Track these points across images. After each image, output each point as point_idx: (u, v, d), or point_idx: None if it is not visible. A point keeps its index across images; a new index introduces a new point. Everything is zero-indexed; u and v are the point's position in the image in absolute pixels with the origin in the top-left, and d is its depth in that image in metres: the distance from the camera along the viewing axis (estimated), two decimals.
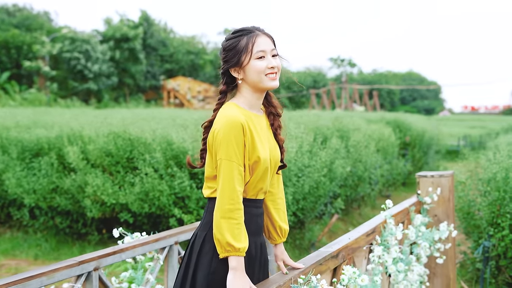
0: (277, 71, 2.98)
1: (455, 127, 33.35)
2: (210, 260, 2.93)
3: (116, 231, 4.36)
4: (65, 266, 3.57)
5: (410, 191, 15.76)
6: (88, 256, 3.79)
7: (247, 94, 3.02)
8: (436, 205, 5.71)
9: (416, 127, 17.48)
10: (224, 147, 2.80)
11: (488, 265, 7.06)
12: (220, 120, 2.86)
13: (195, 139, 8.72)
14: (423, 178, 5.76)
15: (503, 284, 7.12)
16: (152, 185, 8.21)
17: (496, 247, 7.00)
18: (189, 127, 9.95)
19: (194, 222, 8.08)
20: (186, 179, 8.16)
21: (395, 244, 4.72)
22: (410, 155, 16.76)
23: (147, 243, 4.34)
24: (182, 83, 56.30)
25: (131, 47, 51.71)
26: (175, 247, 4.66)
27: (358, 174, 10.77)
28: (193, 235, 3.08)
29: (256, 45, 2.92)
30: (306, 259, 3.49)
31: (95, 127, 9.76)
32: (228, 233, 2.75)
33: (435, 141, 18.66)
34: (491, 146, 11.52)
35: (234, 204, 2.78)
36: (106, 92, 51.02)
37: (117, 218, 9.09)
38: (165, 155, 8.49)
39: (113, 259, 3.99)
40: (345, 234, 4.27)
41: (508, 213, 6.84)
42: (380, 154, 12.59)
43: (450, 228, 5.37)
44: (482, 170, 7.70)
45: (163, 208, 8.34)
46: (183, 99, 55.15)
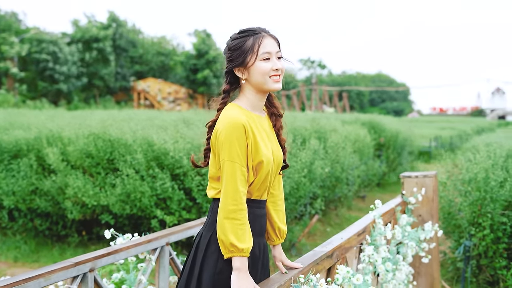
0: (281, 73, 2.99)
1: (425, 129, 33.70)
2: (216, 260, 2.94)
3: (108, 232, 4.35)
4: (61, 267, 3.56)
5: (385, 192, 15.89)
6: (84, 257, 3.78)
7: (250, 95, 3.02)
8: (421, 205, 5.78)
9: (390, 128, 17.63)
10: (227, 148, 2.81)
11: (469, 264, 7.16)
12: (222, 121, 2.87)
13: (176, 140, 8.71)
14: (407, 179, 5.82)
15: (484, 283, 7.23)
16: (133, 187, 8.18)
17: (477, 247, 7.10)
18: (168, 128, 9.94)
19: (176, 223, 8.08)
20: (168, 180, 8.15)
21: (384, 243, 4.77)
22: (385, 156, 16.90)
23: (140, 244, 4.33)
24: (153, 84, 56.10)
25: (100, 48, 51.36)
26: (166, 248, 4.66)
27: (335, 175, 10.84)
28: (198, 236, 3.08)
29: (262, 47, 2.93)
30: (303, 259, 3.52)
31: (74, 129, 9.68)
32: (231, 234, 2.77)
33: (409, 142, 18.82)
34: (468, 146, 11.69)
35: (237, 204, 2.80)
36: (76, 94, 50.60)
37: (97, 220, 9.04)
38: (146, 156, 8.47)
39: (107, 260, 3.98)
40: (337, 234, 4.32)
41: (489, 212, 6.95)
42: (356, 155, 12.68)
43: (435, 228, 5.44)
44: (462, 170, 7.79)
45: (145, 209, 8.32)
46: (153, 101, 54.94)
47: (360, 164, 13.16)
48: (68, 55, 48.07)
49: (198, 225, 5.07)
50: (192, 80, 55.61)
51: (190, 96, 57.33)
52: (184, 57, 56.78)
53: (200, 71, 54.40)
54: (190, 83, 56.23)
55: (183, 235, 4.90)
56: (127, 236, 4.47)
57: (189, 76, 55.67)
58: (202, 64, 54.48)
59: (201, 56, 54.81)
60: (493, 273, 7.08)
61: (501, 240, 6.97)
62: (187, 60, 55.84)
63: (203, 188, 8.22)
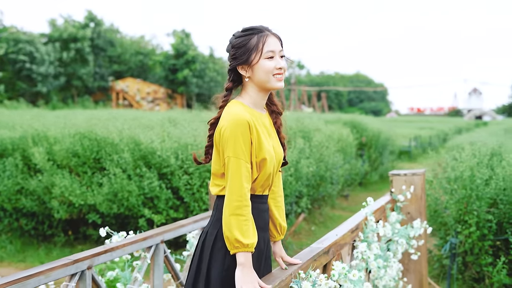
0: (284, 72, 3.02)
1: (404, 128, 33.96)
2: (223, 256, 2.97)
3: (103, 230, 4.35)
4: (61, 265, 3.57)
5: (367, 191, 16.00)
6: (82, 255, 3.79)
7: (252, 93, 3.05)
8: (409, 202, 5.83)
9: (372, 128, 17.75)
10: (231, 145, 2.83)
11: (455, 261, 7.25)
12: (226, 118, 2.89)
13: (163, 139, 8.72)
14: (396, 177, 5.87)
15: (469, 280, 7.32)
16: (120, 186, 8.18)
17: (463, 244, 7.19)
18: (155, 127, 9.93)
19: (164, 222, 8.08)
20: (155, 179, 8.16)
21: (376, 240, 4.83)
22: (367, 156, 17.01)
23: (136, 242, 4.35)
24: (131, 84, 55.87)
25: (78, 48, 50.99)
26: (161, 245, 4.67)
27: (320, 174, 10.90)
28: (204, 233, 3.10)
29: (267, 45, 2.96)
30: (301, 255, 3.56)
31: (59, 128, 9.64)
32: (236, 230, 2.80)
33: (390, 141, 18.96)
34: (451, 145, 11.82)
35: (242, 201, 2.82)
36: (54, 94, 50.19)
37: (83, 220, 9.02)
38: (133, 156, 8.47)
39: (104, 257, 3.99)
40: (332, 231, 4.35)
41: (475, 210, 7.04)
42: (340, 155, 12.76)
43: (425, 226, 5.50)
44: (447, 169, 7.89)
45: (132, 208, 8.32)
46: (132, 101, 54.73)
47: (344, 164, 13.24)
48: (45, 55, 47.64)
49: (190, 223, 5.09)
50: (171, 80, 55.45)
51: (169, 96, 57.18)
52: (162, 57, 56.59)
53: (179, 71, 54.26)
54: (169, 83, 56.07)
55: (177, 233, 4.92)
56: (122, 234, 4.47)
57: (168, 76, 55.49)
58: (181, 64, 54.34)
59: (180, 56, 54.67)
60: (479, 269, 7.17)
61: (486, 237, 7.06)
62: (165, 60, 55.64)
63: (190, 187, 8.24)
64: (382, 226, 4.88)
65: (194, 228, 5.17)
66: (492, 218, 6.99)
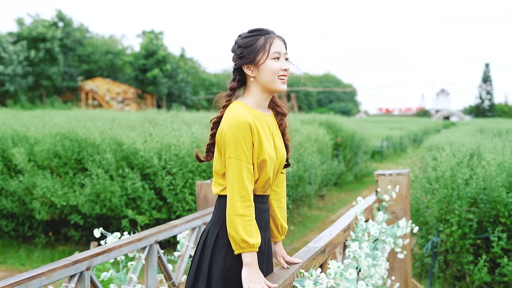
0: (287, 74, 3.06)
1: (375, 129, 34.25)
2: (225, 255, 2.99)
3: (97, 230, 4.35)
4: (61, 265, 3.57)
5: (342, 191, 16.12)
6: (81, 256, 3.79)
7: (255, 93, 3.07)
8: (395, 202, 5.91)
9: (347, 128, 17.87)
10: (232, 146, 2.86)
11: (437, 260, 7.37)
12: (227, 119, 2.92)
13: (145, 140, 8.71)
14: (381, 177, 5.94)
15: (450, 278, 7.44)
16: (103, 186, 8.15)
17: (444, 243, 7.31)
18: (136, 128, 9.91)
19: (147, 223, 8.08)
20: (138, 180, 8.16)
21: (366, 240, 4.90)
22: (342, 156, 17.13)
23: (132, 243, 4.35)
24: (101, 84, 55.50)
25: (48, 48, 50.42)
26: (155, 246, 4.68)
27: (299, 174, 10.97)
28: (205, 232, 3.12)
29: (274, 46, 3.00)
30: (300, 254, 3.61)
31: (39, 128, 9.57)
32: (242, 230, 2.83)
33: (364, 142, 19.12)
34: (428, 145, 11.95)
35: (245, 201, 2.86)
36: (22, 93, 49.59)
37: (64, 221, 8.97)
38: (115, 156, 8.44)
39: (102, 258, 4.00)
40: (325, 230, 4.41)
41: (456, 209, 7.16)
42: (317, 155, 12.84)
43: (412, 225, 5.58)
44: (428, 169, 8.00)
45: (115, 209, 8.30)
46: (101, 101, 54.36)
47: (320, 164, 13.32)
48: (13, 55, 47.04)
49: (183, 223, 5.11)
50: (141, 80, 55.19)
51: (139, 96, 56.93)
52: (132, 57, 56.28)
53: (149, 71, 54.01)
54: (139, 83, 55.80)
55: (170, 234, 4.93)
56: (116, 235, 4.47)
57: (138, 76, 55.21)
58: (151, 64, 54.11)
59: (149, 56, 54.43)
60: (460, 268, 7.30)
61: (467, 236, 7.19)
62: (135, 60, 55.35)
63: (173, 188, 8.24)
64: (372, 225, 4.95)
65: (187, 228, 5.19)
66: (473, 217, 7.11)
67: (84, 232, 8.92)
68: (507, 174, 7.26)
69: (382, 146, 25.87)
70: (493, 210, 7.18)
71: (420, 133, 38.33)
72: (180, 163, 8.23)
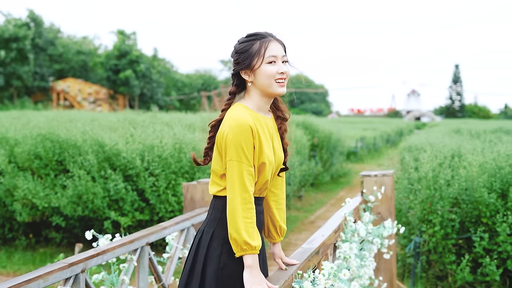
0: (286, 77, 3.06)
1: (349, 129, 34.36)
2: (219, 255, 3.00)
3: (89, 233, 4.33)
4: (57, 268, 3.56)
5: (319, 191, 16.19)
6: (76, 258, 3.79)
7: (255, 97, 3.08)
8: (380, 203, 5.96)
9: (323, 129, 17.93)
10: (233, 149, 2.87)
11: (419, 260, 7.45)
12: (228, 121, 2.93)
13: (127, 141, 8.68)
14: (367, 178, 6.00)
15: (433, 278, 7.53)
16: (85, 188, 8.11)
17: (427, 243, 7.40)
18: (117, 129, 9.86)
19: (130, 224, 8.05)
20: (121, 181, 8.12)
21: (355, 240, 4.95)
22: (319, 156, 17.19)
23: (124, 245, 4.35)
24: (72, 84, 55.05)
25: (19, 47, 49.83)
26: (146, 248, 4.68)
27: None
28: (200, 232, 3.12)
29: (269, 50, 3.00)
30: (296, 255, 3.64)
31: (19, 129, 9.47)
32: (244, 232, 2.84)
33: (340, 142, 19.22)
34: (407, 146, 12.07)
35: (247, 203, 2.87)
36: None
37: (45, 222, 8.90)
38: (97, 157, 8.40)
39: (96, 261, 3.99)
40: (317, 231, 4.44)
41: (439, 210, 7.24)
42: (295, 156, 12.88)
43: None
44: (411, 169, 8.09)
45: (97, 211, 8.25)
46: (73, 101, 53.94)
47: (299, 165, 13.37)
48: None
49: (172, 225, 5.11)
50: (113, 80, 54.85)
51: (110, 97, 56.58)
52: (104, 57, 55.88)
53: (122, 71, 53.68)
54: (111, 83, 55.45)
55: (161, 235, 4.93)
56: (107, 237, 4.46)
57: (110, 76, 54.84)
58: (124, 65, 53.79)
59: (122, 56, 54.10)
60: (442, 268, 7.38)
61: (449, 236, 7.28)
62: (107, 60, 54.98)
63: (156, 189, 8.22)
64: (360, 226, 5.00)
65: (176, 229, 5.19)
66: (455, 218, 7.20)
67: (65, 234, 8.86)
68: (489, 175, 7.37)
69: (357, 146, 26.02)
70: (475, 210, 7.28)
71: (393, 134, 38.64)
72: (163, 164, 8.21)
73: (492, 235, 7.18)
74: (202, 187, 5.97)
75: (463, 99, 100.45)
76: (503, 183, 7.35)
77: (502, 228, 6.95)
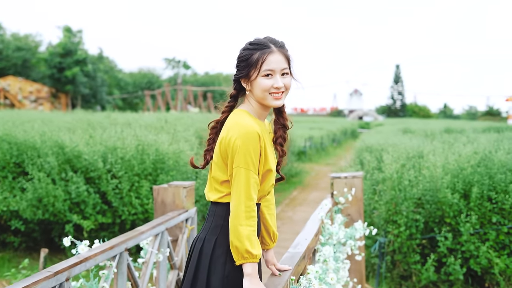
0: (284, 91, 3.01)
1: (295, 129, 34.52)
2: (223, 264, 2.97)
3: (67, 239, 4.22)
4: (44, 277, 3.46)
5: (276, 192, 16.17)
6: (61, 266, 3.68)
7: (254, 104, 3.05)
8: (350, 204, 6.00)
9: None
10: (242, 156, 2.83)
11: (384, 260, 7.53)
12: (236, 128, 2.89)
13: (87, 143, 8.51)
14: (337, 179, 6.02)
15: (397, 278, 7.62)
16: (46, 191, 7.92)
17: (392, 243, 7.48)
18: (77, 130, 9.67)
19: (93, 228, 7.89)
20: (82, 183, 7.95)
21: (333, 243, 4.96)
22: None
23: (105, 251, 4.25)
24: (13, 83, 53.83)
25: None
26: (124, 254, 4.59)
27: None
28: (199, 240, 3.07)
29: (266, 63, 2.94)
30: (284, 260, 3.63)
31: None
32: (247, 241, 2.81)
33: (292, 142, 19.27)
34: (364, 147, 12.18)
35: (251, 212, 2.84)
36: None
37: (2, 226, 8.65)
38: (57, 159, 8.21)
39: (80, 268, 3.89)
40: (299, 235, 4.44)
41: (404, 210, 7.34)
42: None
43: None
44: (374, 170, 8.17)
45: (58, 214, 8.06)
46: (13, 100, 52.75)
47: None
48: None
49: (149, 229, 5.03)
50: (57, 78, 53.75)
51: (53, 95, 55.50)
52: (48, 54, 54.68)
53: (67, 69, 52.66)
54: (54, 81, 54.30)
55: (138, 240, 4.84)
56: (85, 243, 4.36)
57: (54, 74, 53.71)
58: (69, 63, 52.78)
59: (67, 54, 53.10)
60: (407, 267, 7.48)
61: (414, 236, 7.38)
62: (51, 57, 53.83)
63: (119, 192, 8.09)
64: (341, 229, 5.02)
65: (153, 234, 5.11)
66: (419, 218, 7.31)
67: (23, 238, 8.63)
68: (452, 176, 7.50)
69: (305, 146, 26.14)
70: (439, 210, 7.40)
71: (339, 133, 39.01)
72: (126, 166, 8.08)
73: (455, 235, 7.31)
74: (173, 190, 5.90)
75: (404, 99, 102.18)
76: (465, 183, 7.49)
77: (466, 228, 7.09)
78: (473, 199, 7.26)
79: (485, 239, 7.32)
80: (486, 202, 7.30)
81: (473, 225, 7.16)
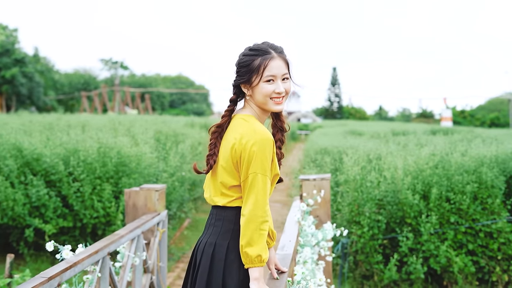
0: (285, 95, 3.08)
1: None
2: (238, 268, 3.00)
3: (50, 244, 4.17)
4: (38, 283, 3.44)
5: None
6: (53, 272, 3.66)
7: (256, 109, 3.11)
8: (319, 206, 6.08)
9: None
10: (259, 162, 2.88)
11: (347, 261, 7.66)
12: (252, 134, 2.93)
13: (45, 145, 8.37)
14: (306, 181, 6.10)
15: (359, 277, 7.76)
16: (4, 194, 7.74)
17: (355, 243, 7.62)
18: (33, 132, 9.49)
19: (55, 232, 7.77)
20: (43, 187, 7.81)
21: (311, 245, 5.04)
22: None
23: (90, 256, 4.22)
24: None
25: None
26: (107, 258, 4.56)
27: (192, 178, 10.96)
28: (211, 245, 3.07)
29: (268, 69, 3.00)
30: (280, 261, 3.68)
31: None
32: (259, 246, 2.87)
33: None
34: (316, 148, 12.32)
35: (265, 217, 2.90)
36: None
37: None
38: (16, 162, 8.05)
39: (70, 273, 3.86)
40: (283, 237, 4.49)
41: (367, 212, 7.49)
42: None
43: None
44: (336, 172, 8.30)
45: (17, 218, 7.90)
46: None
47: None
48: None
49: (127, 233, 5.01)
50: None
51: None
52: None
53: (4, 69, 51.21)
54: None
55: (119, 244, 4.82)
56: (68, 247, 4.31)
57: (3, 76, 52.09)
58: (7, 63, 51.35)
59: (3, 54, 51.70)
60: (369, 267, 7.63)
61: (376, 236, 7.54)
62: None
63: (80, 195, 7.98)
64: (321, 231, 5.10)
65: (131, 237, 5.10)
66: (381, 219, 7.47)
67: None
68: (412, 177, 7.68)
69: None
70: (400, 211, 7.58)
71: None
72: (88, 169, 7.98)
73: (416, 235, 7.50)
74: (145, 194, 5.88)
75: (341, 101, 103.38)
76: (425, 184, 7.69)
77: (426, 228, 7.28)
78: (433, 200, 7.47)
79: (444, 238, 7.53)
80: (444, 203, 7.52)
81: (433, 225, 7.36)
